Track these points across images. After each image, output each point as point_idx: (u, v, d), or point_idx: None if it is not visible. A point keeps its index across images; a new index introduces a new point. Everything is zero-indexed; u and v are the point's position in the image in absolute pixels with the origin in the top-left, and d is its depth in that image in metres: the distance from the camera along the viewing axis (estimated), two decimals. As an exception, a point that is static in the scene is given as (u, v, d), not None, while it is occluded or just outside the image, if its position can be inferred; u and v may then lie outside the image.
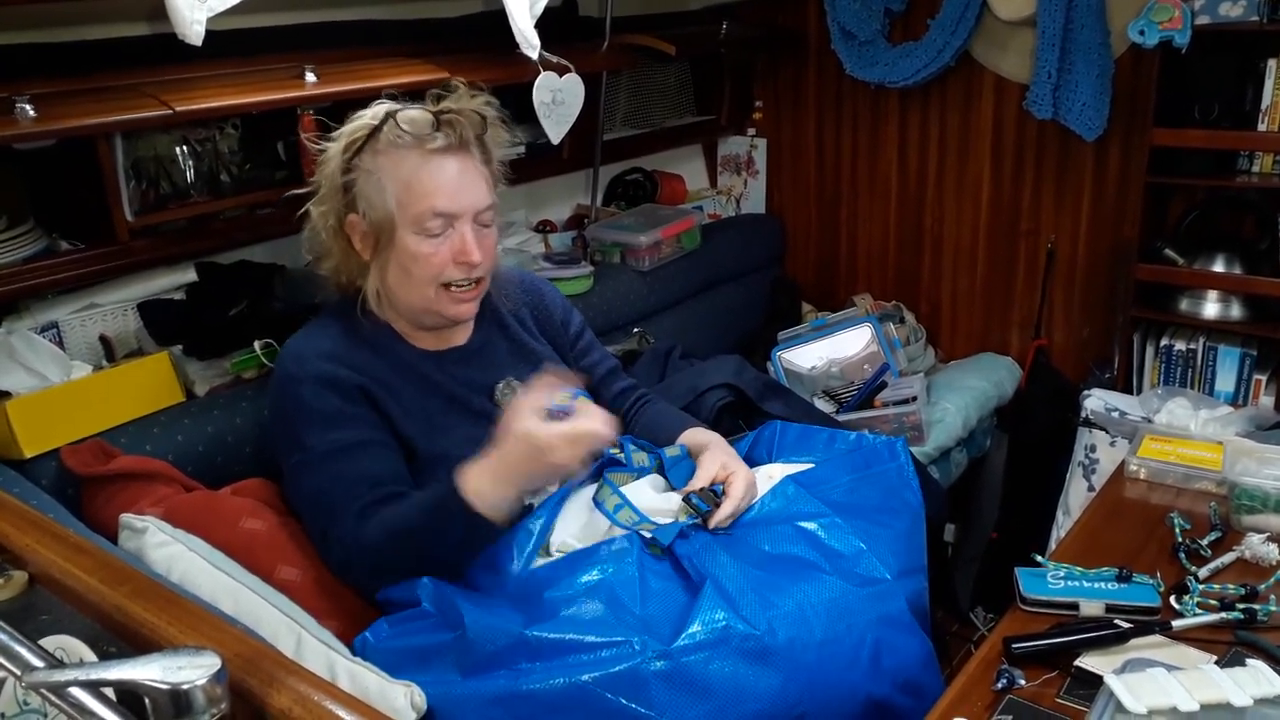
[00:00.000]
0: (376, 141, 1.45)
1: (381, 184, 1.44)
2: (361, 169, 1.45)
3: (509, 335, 1.64)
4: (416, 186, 1.44)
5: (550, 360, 1.65)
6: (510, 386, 1.56)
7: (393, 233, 1.45)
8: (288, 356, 1.48)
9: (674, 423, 1.68)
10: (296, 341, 1.51)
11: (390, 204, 1.44)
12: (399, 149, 1.44)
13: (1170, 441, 1.78)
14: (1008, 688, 1.22)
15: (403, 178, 1.44)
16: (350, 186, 1.46)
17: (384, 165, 1.44)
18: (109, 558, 1.04)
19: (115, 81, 1.70)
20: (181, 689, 0.73)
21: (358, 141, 1.45)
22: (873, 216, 3.02)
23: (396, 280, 1.48)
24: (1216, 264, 2.38)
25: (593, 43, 2.43)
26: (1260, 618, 1.31)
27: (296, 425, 1.41)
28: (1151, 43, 2.20)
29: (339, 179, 1.46)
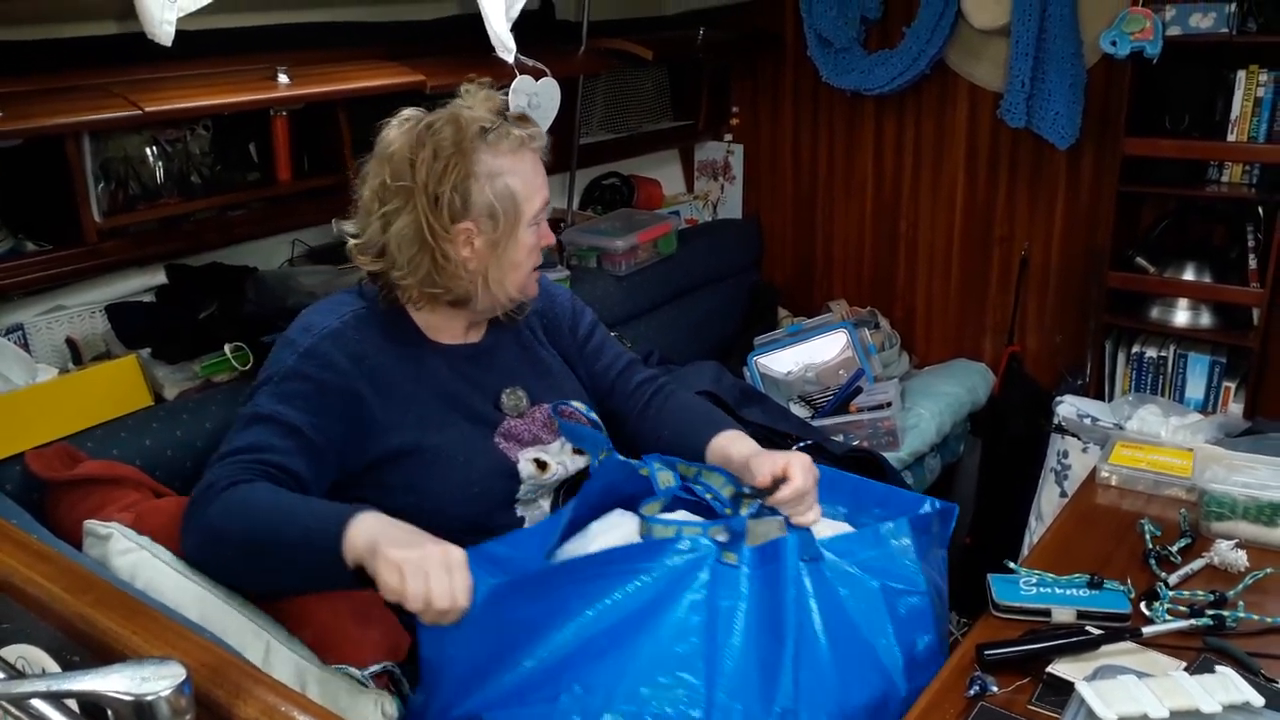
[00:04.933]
0: (492, 144, 1.40)
1: (508, 185, 1.40)
2: (478, 173, 1.38)
3: (520, 340, 1.60)
4: (533, 182, 1.44)
5: (558, 371, 1.61)
6: (516, 396, 1.52)
7: (514, 231, 1.42)
8: (298, 325, 1.44)
9: (700, 423, 1.58)
10: (311, 312, 1.47)
11: (520, 203, 1.42)
12: (519, 148, 1.42)
13: (1141, 448, 1.79)
14: (980, 694, 1.22)
15: (524, 175, 1.42)
16: (462, 192, 1.38)
17: (506, 166, 1.41)
18: (72, 565, 1.02)
19: (84, 81, 1.68)
20: (145, 700, 0.71)
21: (467, 146, 1.38)
22: (848, 222, 3.04)
23: (502, 275, 1.44)
24: (1187, 272, 2.41)
25: (570, 46, 2.43)
26: (1229, 624, 1.32)
27: (264, 382, 1.38)
28: (1123, 53, 2.22)
29: (438, 186, 1.37)
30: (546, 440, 1.52)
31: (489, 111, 1.42)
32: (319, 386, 1.36)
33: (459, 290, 1.44)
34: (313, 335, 1.40)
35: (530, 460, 1.48)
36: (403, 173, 1.38)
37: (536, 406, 1.53)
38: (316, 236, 2.23)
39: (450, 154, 1.37)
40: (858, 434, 2.42)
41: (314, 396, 1.36)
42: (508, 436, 1.49)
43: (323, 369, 1.37)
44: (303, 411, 1.33)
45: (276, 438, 1.31)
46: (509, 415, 1.50)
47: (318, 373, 1.37)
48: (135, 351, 1.73)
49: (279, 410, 1.33)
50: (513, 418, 1.50)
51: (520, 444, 1.49)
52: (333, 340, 1.40)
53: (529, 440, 1.51)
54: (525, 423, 1.51)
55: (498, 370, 1.54)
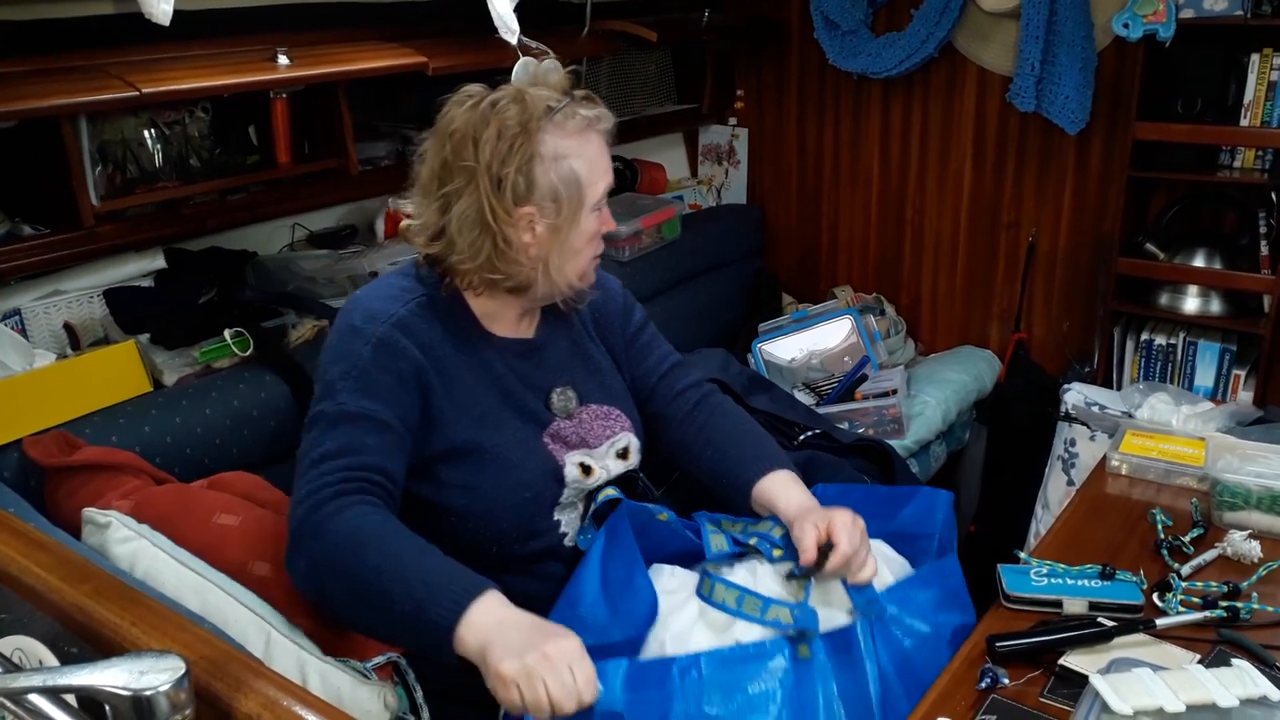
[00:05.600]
0: (559, 125, 1.34)
1: (573, 169, 1.35)
2: (543, 155, 1.33)
3: (572, 334, 1.54)
4: (598, 165, 1.38)
5: (606, 370, 1.56)
6: (566, 396, 1.47)
7: (576, 216, 1.37)
8: (358, 310, 1.37)
9: (747, 457, 1.50)
10: (371, 297, 1.39)
11: (583, 188, 1.36)
12: (585, 129, 1.37)
13: (1152, 437, 1.77)
14: (991, 687, 1.20)
15: (589, 157, 1.37)
16: (526, 174, 1.32)
17: (572, 148, 1.35)
18: (70, 554, 1.00)
19: (80, 62, 1.65)
20: (144, 695, 0.70)
21: (533, 127, 1.32)
22: (854, 208, 3.01)
23: (563, 261, 1.39)
24: (1197, 259, 2.39)
25: (573, 28, 2.39)
26: (1243, 615, 1.30)
27: (341, 377, 1.31)
28: (1135, 36, 2.19)
29: (502, 169, 1.31)
30: (592, 444, 1.48)
31: (555, 89, 1.37)
32: (398, 377, 1.32)
33: (519, 277, 1.38)
34: (381, 323, 1.34)
35: (576, 464, 1.45)
36: (465, 152, 1.32)
37: (584, 407, 1.49)
38: (317, 221, 2.21)
39: (515, 134, 1.31)
40: (863, 422, 2.40)
41: (395, 388, 1.31)
42: (556, 438, 1.45)
43: (397, 358, 1.32)
44: (386, 404, 1.29)
45: (369, 435, 1.27)
46: (558, 416, 1.46)
47: (394, 363, 1.32)
48: (134, 337, 1.71)
49: (366, 406, 1.28)
50: (562, 419, 1.46)
51: (567, 446, 1.46)
52: (403, 329, 1.34)
53: (575, 443, 1.46)
54: (573, 424, 1.47)
55: (549, 367, 1.49)
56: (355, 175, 2.07)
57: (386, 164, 2.24)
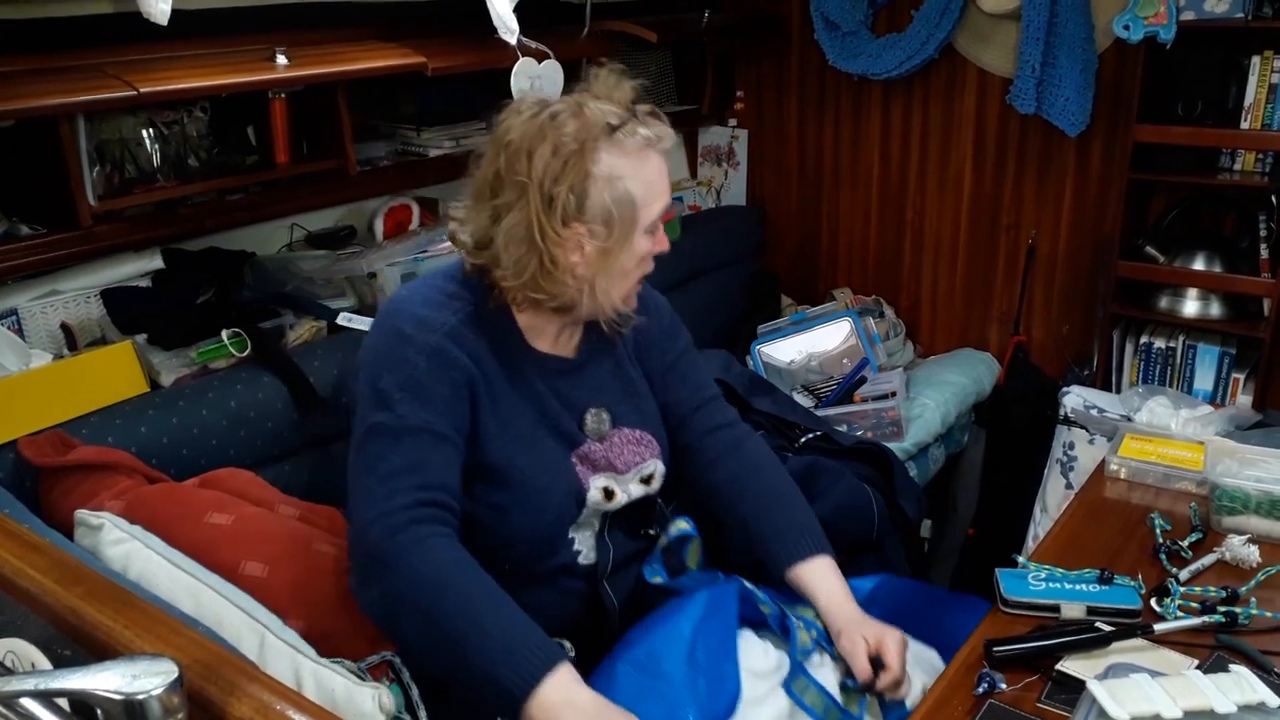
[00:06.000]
0: (617, 143, 1.29)
1: (628, 190, 1.30)
2: (597, 175, 1.28)
3: (613, 354, 1.50)
4: (655, 186, 1.34)
5: (643, 394, 1.53)
6: (600, 418, 1.45)
7: (628, 238, 1.32)
8: (407, 317, 1.33)
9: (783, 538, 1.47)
10: (418, 302, 1.35)
11: (637, 209, 1.31)
12: (644, 149, 1.32)
13: (1151, 441, 1.77)
14: (988, 692, 1.20)
15: (646, 179, 1.32)
16: (578, 194, 1.28)
17: (628, 169, 1.30)
18: (64, 556, 1.00)
19: (77, 61, 1.65)
20: (136, 700, 0.70)
21: (590, 145, 1.28)
22: (854, 209, 3.00)
23: (610, 283, 1.34)
24: (1197, 262, 2.38)
25: (573, 28, 2.39)
26: (1242, 621, 1.30)
27: (397, 388, 1.28)
28: (1136, 38, 2.19)
29: (554, 186, 1.27)
30: (620, 469, 1.47)
31: (617, 104, 1.32)
32: (452, 387, 1.30)
33: (564, 297, 1.34)
34: (433, 332, 1.32)
35: (600, 489, 1.44)
36: (519, 166, 1.28)
37: (616, 430, 1.47)
38: (315, 221, 2.21)
39: (571, 151, 1.27)
40: (862, 424, 2.40)
41: (450, 399, 1.30)
42: (584, 460, 1.44)
43: (451, 368, 1.31)
44: (444, 415, 1.29)
45: (432, 449, 1.27)
46: (590, 438, 1.45)
47: (448, 373, 1.30)
48: (131, 337, 1.70)
49: (426, 418, 1.27)
50: (593, 440, 1.45)
51: (594, 469, 1.45)
52: (455, 339, 1.32)
53: (603, 466, 1.46)
54: (603, 447, 1.46)
55: (587, 387, 1.46)
56: (354, 176, 2.07)
57: (385, 164, 2.24)
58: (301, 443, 1.76)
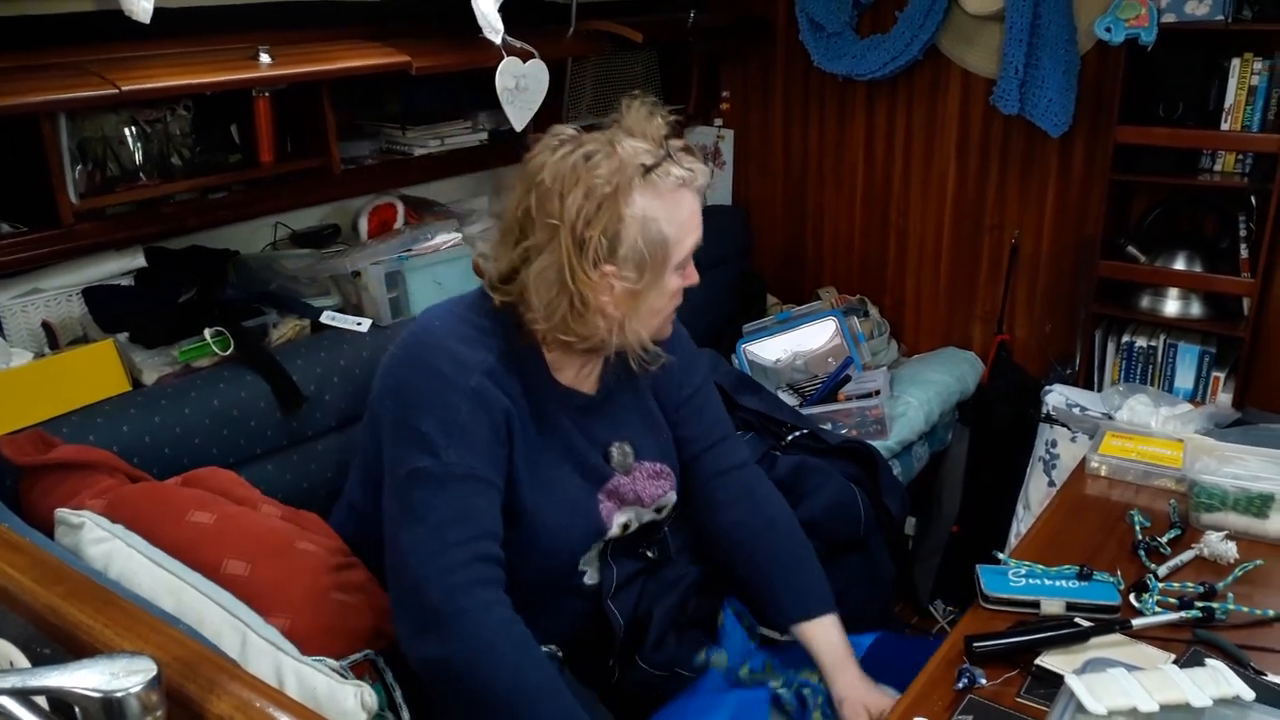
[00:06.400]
0: (651, 184, 1.27)
1: (661, 231, 1.27)
2: (630, 217, 1.26)
3: (633, 386, 1.49)
4: (688, 224, 1.31)
5: (660, 425, 1.52)
6: (624, 451, 1.45)
7: (659, 277, 1.30)
8: (444, 355, 1.30)
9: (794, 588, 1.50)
10: (454, 338, 1.32)
11: (669, 248, 1.29)
12: (678, 189, 1.29)
13: (1131, 439, 1.78)
14: (968, 687, 1.21)
15: (679, 219, 1.30)
16: (610, 237, 1.26)
17: (662, 210, 1.27)
18: (43, 555, 0.99)
19: (59, 59, 1.64)
20: (114, 697, 0.70)
21: (623, 188, 1.25)
22: (839, 209, 3.02)
23: (639, 323, 1.33)
24: (1178, 262, 2.40)
25: (558, 28, 2.39)
26: (1219, 616, 1.31)
27: (439, 433, 1.26)
28: (1118, 40, 2.21)
29: (586, 230, 1.25)
30: (646, 503, 1.48)
31: (651, 141, 1.30)
32: (492, 429, 1.29)
33: (594, 340, 1.33)
34: (472, 372, 1.29)
35: (620, 525, 1.46)
36: (550, 207, 1.26)
37: (639, 464, 1.47)
38: (299, 220, 2.20)
39: (605, 195, 1.24)
40: (846, 422, 2.41)
41: (491, 441, 1.29)
42: (612, 495, 1.44)
43: (491, 409, 1.29)
44: (487, 460, 1.28)
45: (478, 496, 1.26)
46: (617, 471, 1.44)
47: (489, 415, 1.29)
48: (113, 336, 1.69)
49: (471, 464, 1.26)
50: (620, 474, 1.45)
51: (621, 503, 1.45)
52: (494, 379, 1.30)
53: (631, 500, 1.46)
54: (629, 481, 1.46)
55: (609, 421, 1.45)
56: (338, 174, 2.07)
57: (370, 163, 2.24)
58: (285, 442, 1.75)
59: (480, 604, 1.21)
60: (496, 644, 1.21)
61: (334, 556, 1.41)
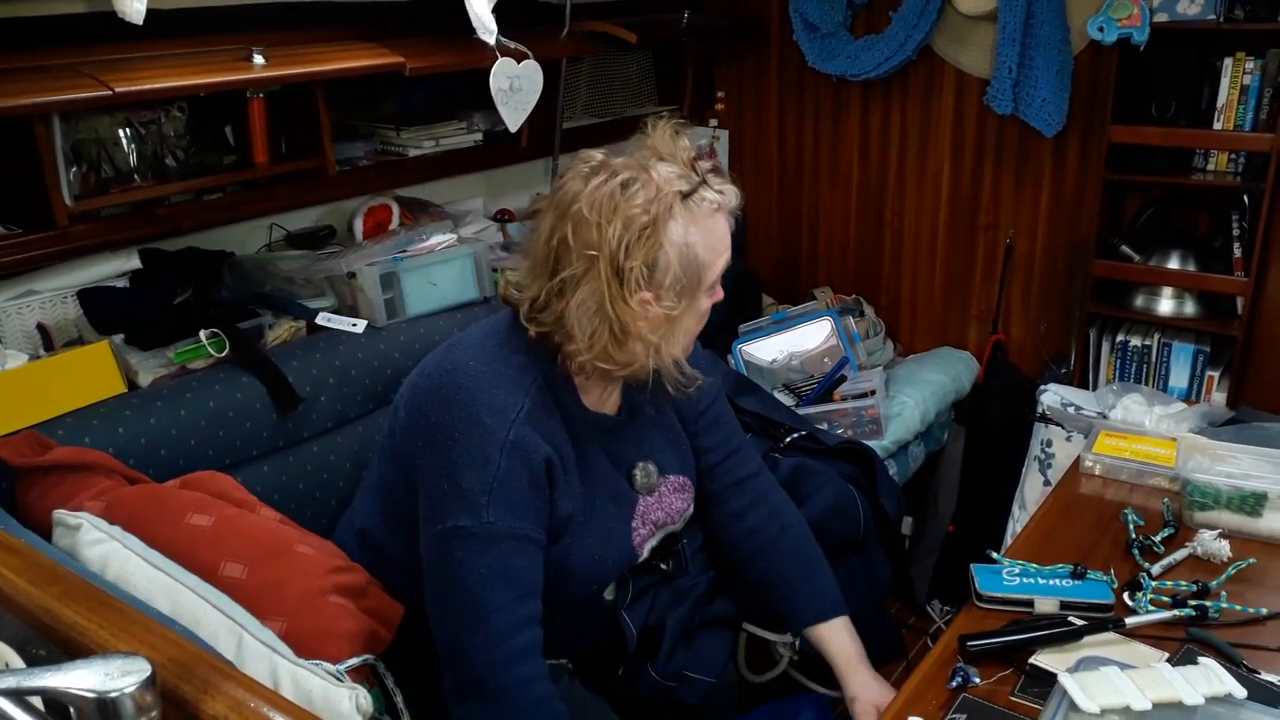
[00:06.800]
0: (689, 210, 1.26)
1: (697, 255, 1.26)
2: (668, 244, 1.24)
3: (655, 403, 1.48)
4: (719, 246, 1.30)
5: (679, 439, 1.52)
6: (647, 473, 1.45)
7: (694, 301, 1.30)
8: (484, 404, 1.27)
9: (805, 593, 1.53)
10: (492, 381, 1.30)
11: (703, 271, 1.28)
12: (714, 214, 1.28)
13: (1125, 438, 1.79)
14: (962, 686, 1.21)
15: (713, 245, 1.29)
16: (649, 264, 1.24)
17: (698, 235, 1.26)
18: (39, 557, 0.99)
19: (52, 60, 1.64)
20: (109, 697, 0.70)
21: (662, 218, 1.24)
22: (834, 209, 3.02)
23: (674, 343, 1.32)
24: (1171, 261, 2.41)
25: (552, 28, 2.39)
26: (1212, 614, 1.31)
27: (481, 490, 1.25)
28: (1110, 39, 2.21)
29: (627, 260, 1.23)
30: (675, 521, 1.49)
31: (682, 164, 1.29)
32: (532, 481, 1.28)
33: (634, 365, 1.31)
34: (511, 422, 1.27)
35: (649, 549, 1.46)
36: (589, 238, 1.24)
37: (663, 479, 1.47)
38: (295, 221, 2.20)
39: (644, 225, 1.23)
40: (842, 423, 2.41)
41: (530, 494, 1.28)
42: (644, 520, 1.44)
43: (530, 459, 1.28)
44: (526, 515, 1.27)
45: (518, 555, 1.26)
46: (641, 494, 1.44)
47: (527, 466, 1.27)
48: (108, 337, 1.69)
49: (512, 524, 1.25)
50: (645, 496, 1.45)
51: (656, 527, 1.46)
52: (531, 424, 1.29)
53: (663, 521, 1.46)
54: (655, 500, 1.46)
55: (632, 441, 1.45)
56: (333, 175, 2.07)
57: (364, 164, 2.24)
58: (280, 443, 1.75)
59: (520, 681, 1.22)
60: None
61: (331, 559, 1.41)
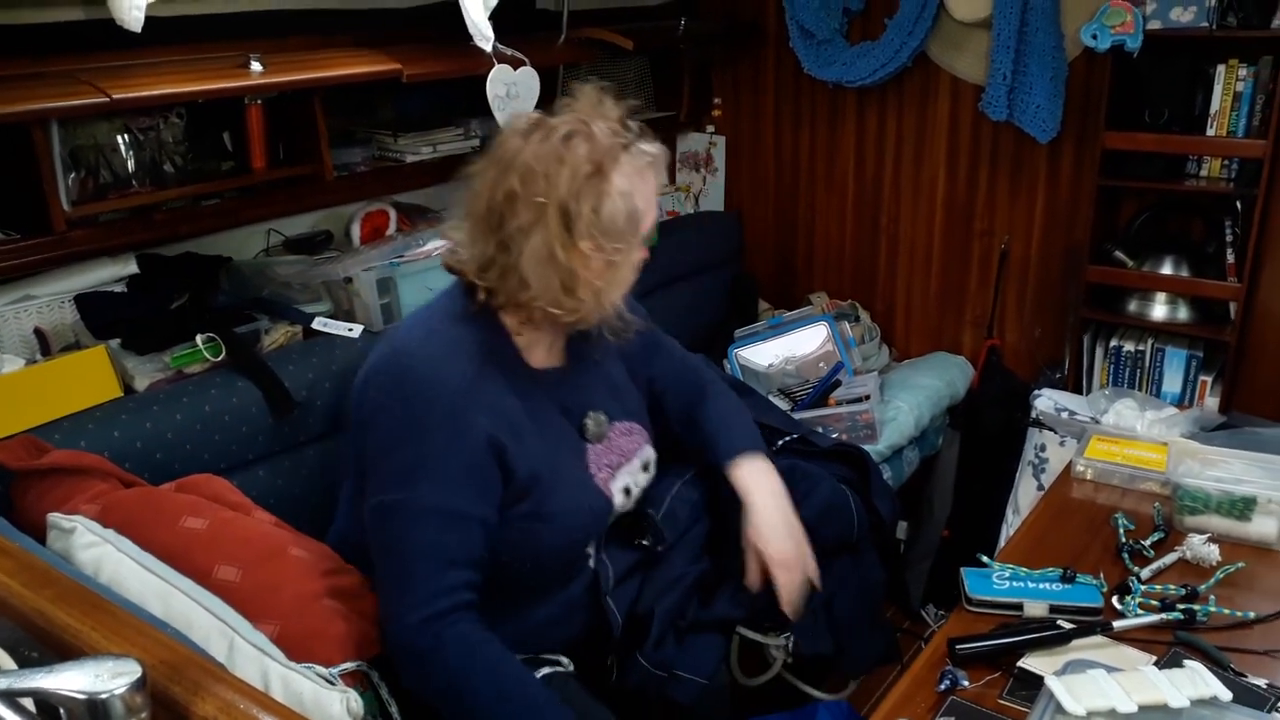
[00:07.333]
0: (630, 161, 1.35)
1: (635, 206, 1.35)
2: (612, 192, 1.32)
3: (598, 352, 1.54)
4: (651, 200, 1.40)
5: (623, 385, 1.58)
6: (598, 421, 1.49)
7: (631, 249, 1.37)
8: (420, 379, 1.32)
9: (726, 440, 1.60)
10: (425, 356, 1.35)
11: (641, 222, 1.37)
12: (648, 167, 1.38)
13: (1117, 442, 1.80)
14: (951, 689, 1.22)
15: (648, 196, 1.38)
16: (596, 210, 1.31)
17: (636, 185, 1.35)
18: (32, 560, 1.00)
19: (51, 68, 1.66)
20: (99, 699, 0.70)
21: (607, 165, 1.32)
22: (830, 215, 3.03)
23: (615, 291, 1.39)
24: (1165, 266, 2.42)
25: (549, 35, 2.41)
26: (1200, 618, 1.32)
27: (413, 463, 1.29)
28: (1104, 47, 2.22)
29: (577, 204, 1.30)
30: (628, 458, 1.52)
31: (611, 118, 1.37)
32: (471, 452, 1.31)
33: (583, 311, 1.37)
34: (448, 392, 1.31)
35: (621, 490, 1.48)
36: (537, 187, 1.30)
37: (611, 426, 1.51)
38: (292, 226, 2.21)
39: (589, 172, 1.31)
40: (836, 427, 2.42)
41: (468, 468, 1.31)
42: (599, 465, 1.47)
43: (468, 431, 1.31)
44: (462, 488, 1.30)
45: (455, 532, 1.29)
46: (591, 442, 1.48)
47: (466, 440, 1.31)
48: (105, 342, 1.70)
49: (443, 499, 1.29)
50: (595, 444, 1.48)
51: (611, 470, 1.49)
52: (470, 397, 1.32)
53: (616, 463, 1.50)
54: (604, 447, 1.49)
55: (581, 391, 1.50)
56: (330, 181, 2.08)
57: (362, 170, 2.25)
58: (276, 447, 1.76)
59: (444, 639, 1.26)
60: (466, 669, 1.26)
61: (325, 562, 1.42)
